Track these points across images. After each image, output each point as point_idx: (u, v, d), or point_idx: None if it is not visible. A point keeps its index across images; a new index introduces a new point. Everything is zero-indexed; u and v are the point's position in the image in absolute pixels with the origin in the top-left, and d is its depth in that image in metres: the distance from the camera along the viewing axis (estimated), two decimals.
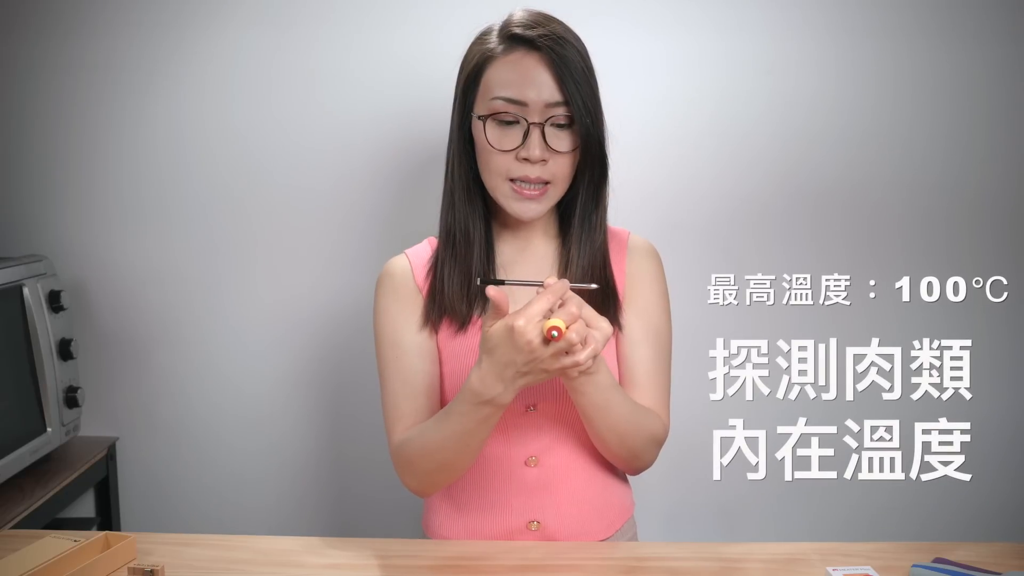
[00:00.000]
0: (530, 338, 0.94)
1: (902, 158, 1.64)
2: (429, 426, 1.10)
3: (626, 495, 1.25)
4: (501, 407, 1.02)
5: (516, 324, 0.94)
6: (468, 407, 1.02)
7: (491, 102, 1.10)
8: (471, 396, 1.01)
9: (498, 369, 0.98)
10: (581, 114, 1.09)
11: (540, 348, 0.94)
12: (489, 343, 0.98)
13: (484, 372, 0.99)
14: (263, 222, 1.70)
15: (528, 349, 0.94)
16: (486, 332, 0.98)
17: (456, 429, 1.05)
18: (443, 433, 1.07)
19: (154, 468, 1.77)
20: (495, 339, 0.97)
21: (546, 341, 0.94)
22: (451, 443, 1.07)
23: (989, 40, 1.61)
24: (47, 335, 1.57)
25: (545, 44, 1.08)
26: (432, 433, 1.09)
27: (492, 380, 0.99)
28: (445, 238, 1.17)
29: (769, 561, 1.08)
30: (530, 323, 0.94)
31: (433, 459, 1.10)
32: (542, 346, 0.94)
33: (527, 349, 0.94)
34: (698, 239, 1.65)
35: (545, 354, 0.95)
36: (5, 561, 1.02)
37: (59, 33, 1.67)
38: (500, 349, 0.97)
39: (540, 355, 0.95)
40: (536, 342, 0.94)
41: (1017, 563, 1.06)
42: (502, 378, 0.98)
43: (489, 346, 0.98)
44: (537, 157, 1.08)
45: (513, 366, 0.97)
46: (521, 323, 0.94)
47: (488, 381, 0.99)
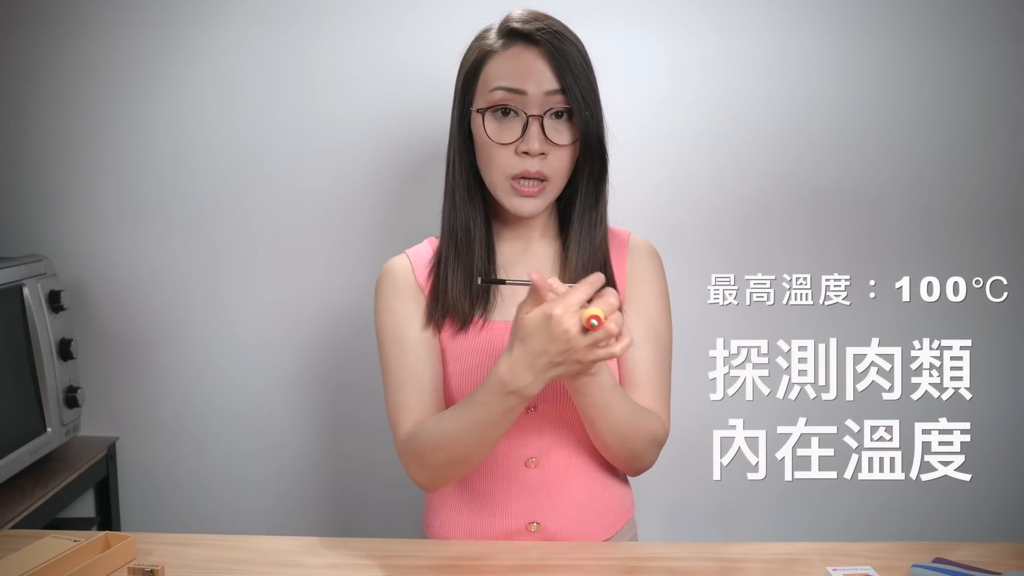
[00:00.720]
0: (567, 327, 0.92)
1: (902, 158, 1.64)
2: (446, 417, 1.08)
3: (626, 496, 1.25)
4: (527, 399, 1.00)
5: (554, 312, 0.92)
6: (493, 396, 1.00)
7: (490, 94, 1.10)
8: (498, 385, 0.99)
9: (530, 358, 0.96)
10: (580, 106, 1.09)
11: (577, 337, 0.93)
12: (523, 330, 0.96)
13: (515, 360, 0.97)
14: (263, 222, 1.70)
15: (565, 338, 0.93)
16: (521, 319, 0.96)
17: (477, 420, 1.03)
18: (462, 424, 1.05)
19: (154, 468, 1.77)
20: (530, 326, 0.95)
21: (584, 330, 0.93)
22: (469, 435, 1.05)
23: (989, 40, 1.61)
24: (47, 335, 1.57)
25: (543, 38, 1.08)
26: (449, 424, 1.07)
27: (522, 369, 0.97)
28: (448, 237, 1.17)
29: (769, 561, 1.08)
30: (568, 311, 0.92)
31: (448, 451, 1.08)
32: (579, 335, 0.93)
33: (564, 338, 0.93)
34: (698, 239, 1.65)
35: (581, 344, 0.93)
36: (5, 561, 1.02)
37: (59, 33, 1.67)
38: (535, 337, 0.95)
39: (576, 344, 0.93)
40: (573, 331, 0.92)
41: (1017, 563, 1.06)
42: (533, 367, 0.96)
43: (523, 333, 0.96)
44: (536, 150, 1.08)
45: (547, 355, 0.95)
46: (559, 311, 0.92)
47: (518, 370, 0.97)
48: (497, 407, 1.01)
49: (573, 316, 0.92)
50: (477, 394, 1.03)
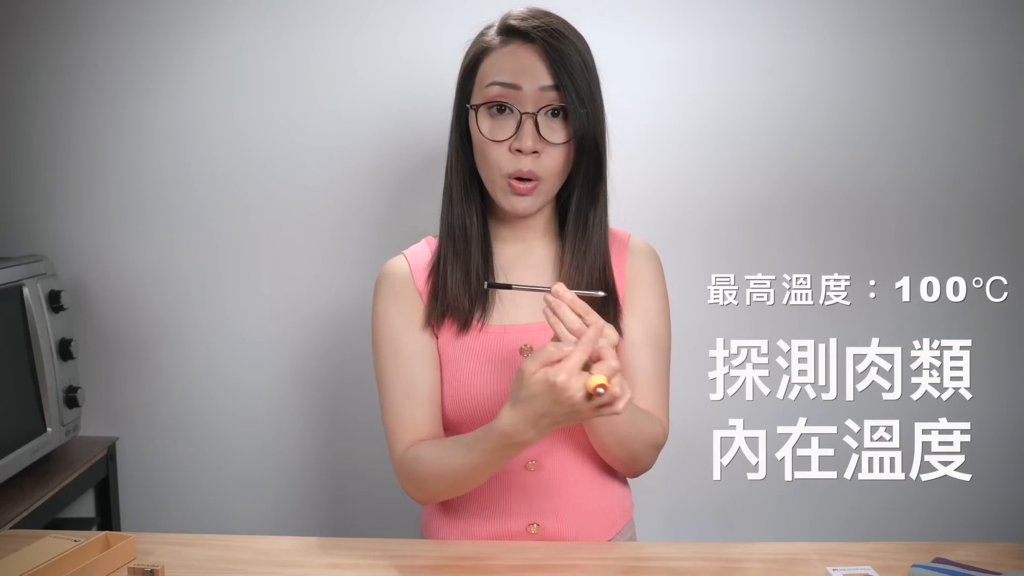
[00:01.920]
0: (572, 394, 0.93)
1: (902, 158, 1.64)
2: (445, 452, 1.09)
3: (626, 498, 1.24)
4: (528, 446, 1.01)
5: (558, 380, 0.92)
6: (494, 446, 1.01)
7: (486, 89, 1.10)
8: (500, 438, 1.00)
9: (534, 418, 0.97)
10: (574, 104, 1.08)
11: (582, 403, 0.93)
12: (527, 391, 0.95)
13: (518, 419, 0.97)
14: (263, 222, 1.70)
15: (570, 404, 0.93)
16: (526, 380, 0.95)
17: (477, 462, 1.05)
18: (461, 461, 1.06)
19: (154, 468, 1.77)
20: (534, 389, 0.95)
21: (588, 396, 0.93)
22: (467, 471, 1.06)
23: (989, 40, 1.61)
24: (47, 335, 1.57)
25: (540, 36, 1.08)
26: (448, 460, 1.08)
27: (525, 427, 0.97)
28: (446, 235, 1.17)
29: (769, 561, 1.08)
30: (572, 377, 0.92)
31: (444, 481, 1.10)
32: (584, 401, 0.93)
33: (568, 404, 0.93)
34: (698, 239, 1.65)
35: (586, 408, 0.94)
36: (5, 561, 1.02)
37: (59, 33, 1.67)
38: (538, 400, 0.95)
39: (581, 409, 0.94)
40: (579, 397, 0.93)
41: (1017, 563, 1.06)
42: (536, 426, 0.97)
43: (526, 395, 0.96)
44: (529, 148, 1.08)
45: (550, 416, 0.96)
46: (563, 378, 0.92)
47: (521, 428, 0.98)
48: (498, 454, 1.03)
49: (578, 382, 0.93)
50: (478, 440, 1.03)
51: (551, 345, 0.95)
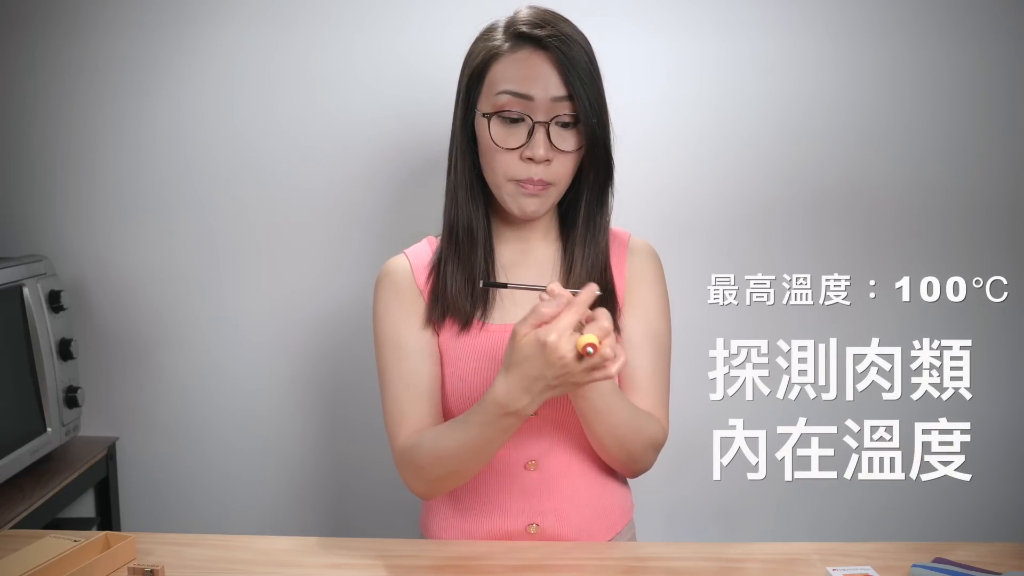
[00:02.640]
0: (563, 353, 0.92)
1: (902, 158, 1.64)
2: (443, 433, 1.08)
3: (626, 498, 1.24)
4: (524, 418, 1.01)
5: (548, 340, 0.92)
6: (491, 417, 1.01)
7: (496, 97, 1.09)
8: (495, 407, 0.99)
9: (527, 382, 0.96)
10: (587, 113, 1.08)
11: (573, 363, 0.93)
12: (519, 354, 0.96)
13: (511, 384, 0.97)
14: (263, 222, 1.70)
15: (560, 364, 0.93)
16: (517, 342, 0.95)
17: (476, 438, 1.04)
18: (459, 441, 1.05)
19: (154, 468, 1.77)
20: (526, 351, 0.95)
21: (579, 356, 0.93)
22: (467, 451, 1.06)
23: (989, 40, 1.61)
24: (47, 335, 1.57)
25: (552, 43, 1.07)
26: (447, 440, 1.07)
27: (519, 392, 0.97)
28: (448, 235, 1.16)
29: (769, 561, 1.08)
30: (562, 338, 0.92)
31: (445, 466, 1.09)
32: (575, 361, 0.93)
33: (559, 364, 0.93)
34: (698, 239, 1.65)
35: (577, 369, 0.93)
36: (5, 561, 1.02)
37: (59, 33, 1.67)
38: (530, 362, 0.95)
39: (572, 370, 0.93)
40: (569, 358, 0.92)
41: (1017, 563, 1.06)
42: (530, 391, 0.97)
43: (519, 357, 0.96)
44: (541, 157, 1.08)
45: (543, 380, 0.95)
46: (553, 338, 0.92)
47: (515, 393, 0.97)
48: (495, 426, 1.01)
49: (568, 342, 0.92)
50: (474, 414, 1.03)
51: (543, 305, 0.95)
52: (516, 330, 0.96)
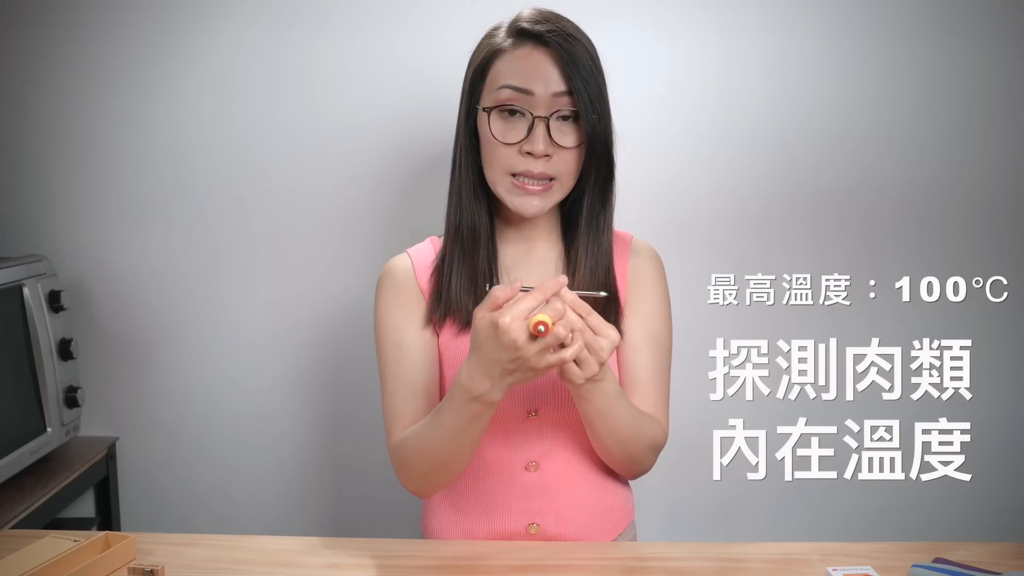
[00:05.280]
0: (514, 336, 0.92)
1: (902, 158, 1.64)
2: (423, 425, 1.09)
3: (627, 500, 1.24)
4: (491, 405, 1.00)
5: (501, 321, 0.92)
6: (459, 403, 1.01)
7: (497, 92, 1.09)
8: (461, 392, 1.00)
9: (484, 366, 0.97)
10: (587, 109, 1.08)
11: (526, 346, 0.93)
12: (475, 337, 0.97)
13: (472, 368, 0.98)
14: (263, 222, 1.70)
15: (513, 347, 0.93)
16: (475, 325, 0.97)
17: (448, 427, 1.04)
18: (436, 432, 1.06)
19: (154, 468, 1.77)
20: (482, 334, 0.95)
21: (532, 337, 0.93)
22: (444, 442, 1.06)
23: (989, 40, 1.61)
24: (47, 335, 1.57)
25: (554, 40, 1.08)
26: (426, 432, 1.08)
27: (480, 377, 0.98)
28: (452, 235, 1.16)
29: (769, 561, 1.08)
30: (515, 320, 0.92)
31: (428, 459, 1.09)
32: (528, 343, 0.93)
33: (511, 347, 0.93)
34: (698, 239, 1.65)
35: (531, 352, 0.93)
36: (5, 561, 1.02)
37: (59, 33, 1.67)
38: (486, 346, 0.95)
39: (525, 353, 0.93)
40: (521, 340, 0.92)
41: (1017, 563, 1.06)
42: (489, 375, 0.97)
43: (476, 341, 0.97)
44: (540, 151, 1.08)
45: (499, 364, 0.96)
46: (506, 320, 0.92)
47: (476, 378, 0.98)
48: (464, 414, 1.02)
49: (520, 325, 0.93)
50: (445, 402, 1.04)
51: (497, 289, 0.95)
52: (474, 314, 0.97)
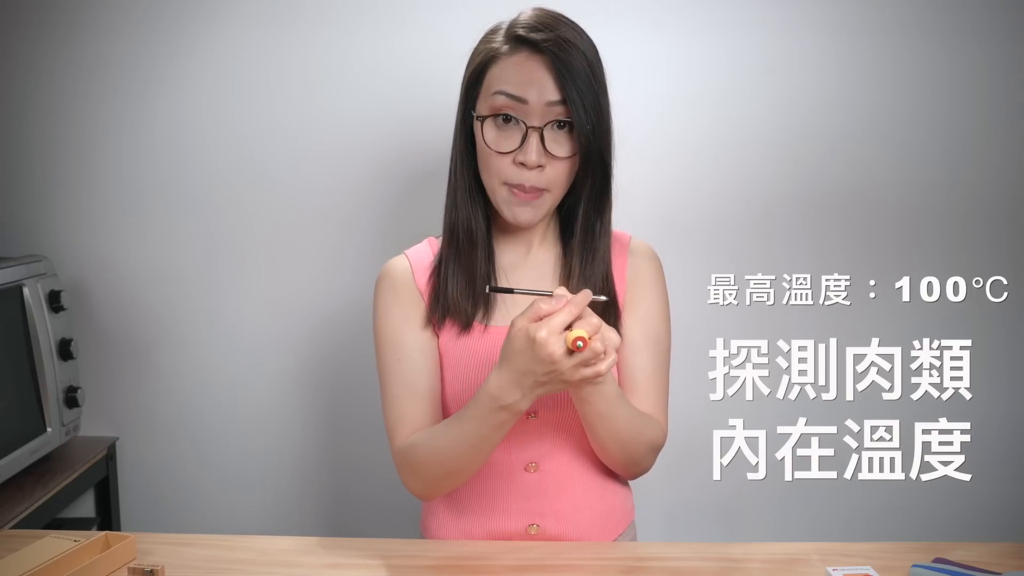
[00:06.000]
0: (552, 350, 0.93)
1: (902, 158, 1.64)
2: (439, 431, 1.09)
3: (627, 500, 1.24)
4: (517, 414, 1.01)
5: (538, 336, 0.93)
6: (484, 412, 1.01)
7: (492, 98, 1.08)
8: (488, 401, 1.00)
9: (517, 377, 0.97)
10: (581, 119, 1.07)
11: (563, 360, 0.93)
12: (510, 347, 0.96)
13: (503, 378, 0.98)
14: (263, 222, 1.70)
15: (550, 360, 0.93)
16: (511, 336, 0.96)
17: (470, 434, 1.04)
18: (455, 438, 1.06)
19: (154, 468, 1.77)
20: (516, 345, 0.95)
21: (569, 352, 0.93)
22: (463, 448, 1.06)
23: (989, 40, 1.61)
24: (47, 335, 1.57)
25: (549, 48, 1.06)
26: (443, 438, 1.07)
27: (510, 387, 0.98)
28: (449, 237, 1.16)
29: (769, 561, 1.08)
30: (552, 335, 0.93)
31: (442, 464, 1.09)
32: (565, 357, 0.93)
33: (548, 360, 0.93)
34: (698, 239, 1.65)
35: (567, 365, 0.94)
36: (5, 561, 1.02)
37: (59, 33, 1.67)
38: (521, 357, 0.95)
39: (562, 366, 0.94)
40: (558, 354, 0.93)
41: (1017, 563, 1.06)
42: (520, 386, 0.97)
43: (509, 351, 0.96)
44: (533, 162, 1.07)
45: (533, 375, 0.96)
46: (543, 334, 0.93)
47: (507, 387, 0.98)
48: (488, 422, 1.02)
49: (558, 339, 0.93)
50: (468, 409, 1.03)
51: (541, 302, 0.95)
52: (513, 323, 0.97)
